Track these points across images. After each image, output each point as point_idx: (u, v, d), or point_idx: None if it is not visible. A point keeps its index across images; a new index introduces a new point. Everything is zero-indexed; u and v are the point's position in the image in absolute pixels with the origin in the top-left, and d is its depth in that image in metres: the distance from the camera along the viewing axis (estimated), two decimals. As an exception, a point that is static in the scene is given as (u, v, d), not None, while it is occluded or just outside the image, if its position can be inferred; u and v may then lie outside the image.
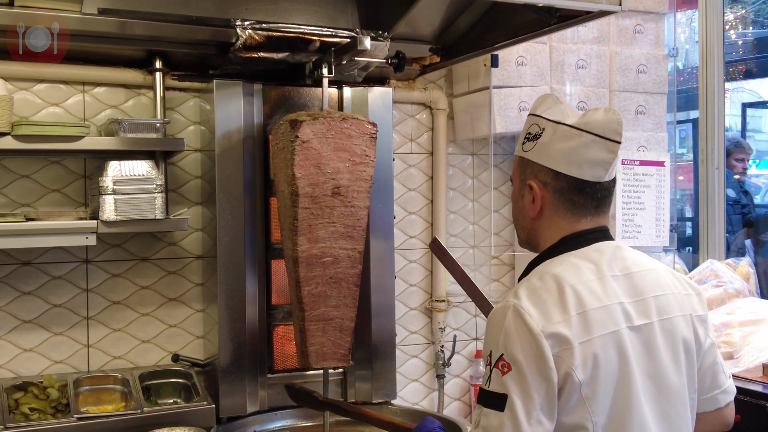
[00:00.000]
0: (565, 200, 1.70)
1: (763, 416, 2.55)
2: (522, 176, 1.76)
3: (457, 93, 3.34)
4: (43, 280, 2.69)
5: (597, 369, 1.55)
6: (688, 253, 4.68)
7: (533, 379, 1.51)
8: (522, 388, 1.51)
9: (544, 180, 1.70)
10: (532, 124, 1.74)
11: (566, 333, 1.54)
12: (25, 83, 2.65)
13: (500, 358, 1.54)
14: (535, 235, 1.77)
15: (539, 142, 1.70)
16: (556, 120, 1.70)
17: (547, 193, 1.70)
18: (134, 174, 2.48)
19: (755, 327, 2.99)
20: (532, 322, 1.54)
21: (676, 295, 1.72)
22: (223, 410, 2.59)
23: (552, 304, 1.57)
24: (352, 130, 2.43)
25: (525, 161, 1.74)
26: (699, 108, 3.96)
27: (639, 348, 1.62)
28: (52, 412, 2.43)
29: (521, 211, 1.78)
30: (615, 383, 1.57)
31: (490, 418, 1.53)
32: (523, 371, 1.52)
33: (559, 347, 1.53)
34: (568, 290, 1.59)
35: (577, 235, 1.71)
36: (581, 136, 1.66)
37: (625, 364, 1.59)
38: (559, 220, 1.71)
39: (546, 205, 1.71)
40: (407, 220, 3.29)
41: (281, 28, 2.52)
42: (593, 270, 1.64)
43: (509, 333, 1.55)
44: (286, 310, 2.70)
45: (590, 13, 2.36)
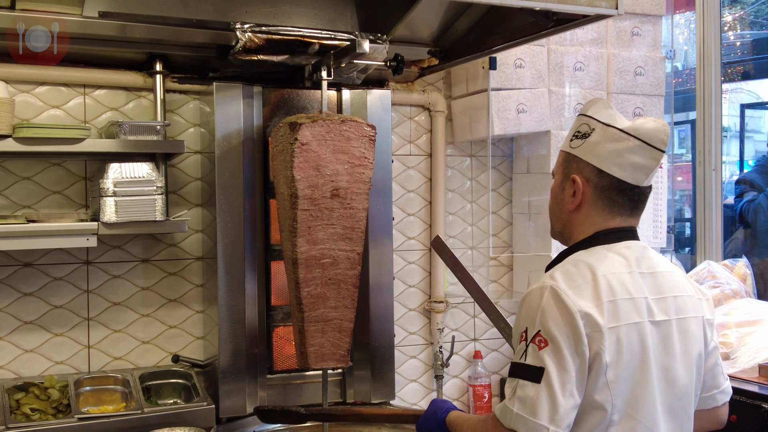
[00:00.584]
0: (604, 198, 1.79)
1: (758, 416, 2.57)
2: (566, 170, 1.84)
3: (455, 95, 3.35)
4: (44, 281, 2.71)
5: (621, 354, 1.65)
6: (687, 254, 4.69)
7: (569, 354, 1.62)
8: (558, 363, 1.61)
9: (587, 176, 1.79)
10: (582, 124, 1.83)
11: (598, 317, 1.64)
12: (27, 86, 2.66)
13: (537, 334, 1.64)
14: (570, 227, 1.85)
15: (588, 141, 1.79)
16: (606, 122, 1.79)
17: (588, 188, 1.80)
18: (135, 176, 2.50)
19: (752, 328, 3.00)
20: (569, 301, 1.64)
21: (691, 297, 1.82)
22: (222, 411, 2.61)
23: (586, 289, 1.68)
24: (351, 133, 2.45)
25: (571, 156, 1.83)
26: (696, 109, 3.97)
27: (657, 341, 1.73)
28: (53, 412, 2.45)
29: (560, 203, 1.87)
30: (634, 371, 1.68)
31: (527, 389, 1.62)
32: (560, 347, 1.62)
33: (591, 328, 1.63)
34: (601, 278, 1.69)
35: (610, 231, 1.80)
36: (629, 140, 1.76)
37: (645, 354, 1.69)
38: (595, 215, 1.81)
39: (585, 200, 1.80)
40: (406, 222, 3.30)
41: (281, 31, 2.54)
42: (624, 264, 1.75)
43: (546, 311, 1.65)
44: (286, 311, 2.72)
45: (587, 17, 2.38)
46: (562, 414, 1.59)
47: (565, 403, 1.60)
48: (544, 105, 3.22)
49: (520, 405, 1.62)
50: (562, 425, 1.60)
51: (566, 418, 1.61)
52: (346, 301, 2.51)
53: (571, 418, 1.62)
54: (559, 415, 1.59)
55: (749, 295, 3.43)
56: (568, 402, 1.60)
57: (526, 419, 1.61)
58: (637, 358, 1.68)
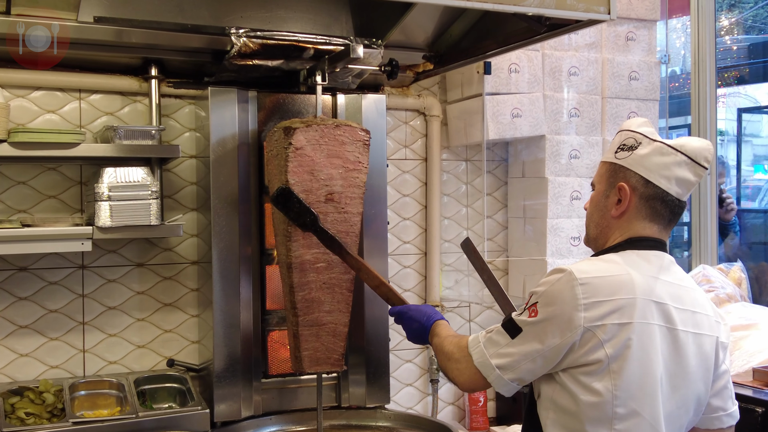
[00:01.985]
0: (648, 207, 1.85)
1: (752, 420, 2.57)
2: (611, 179, 1.89)
3: (450, 100, 3.37)
4: (39, 285, 2.71)
5: (628, 350, 1.71)
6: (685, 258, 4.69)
7: (550, 334, 1.73)
8: (536, 335, 1.75)
9: (634, 185, 1.85)
10: (627, 138, 1.89)
11: (606, 311, 1.71)
12: (22, 90, 2.67)
13: (535, 304, 1.76)
14: (606, 233, 1.91)
15: (636, 153, 1.85)
16: (653, 138, 1.86)
17: (634, 196, 1.85)
18: (129, 180, 2.51)
19: (746, 332, 3.01)
20: (579, 292, 1.71)
21: (708, 317, 1.87)
22: (217, 415, 2.61)
23: (606, 282, 1.74)
24: (346, 137, 2.46)
25: (617, 167, 1.88)
26: (691, 113, 3.98)
27: (671, 347, 1.78)
28: (48, 416, 2.45)
29: (602, 210, 1.91)
30: (642, 369, 1.73)
31: (500, 337, 1.81)
32: (546, 325, 1.73)
33: (596, 321, 1.70)
34: (624, 275, 1.75)
35: (642, 239, 1.86)
36: (676, 155, 1.83)
37: (656, 356, 1.75)
38: (636, 223, 1.86)
39: (630, 207, 1.86)
40: (401, 226, 3.31)
41: (276, 36, 2.54)
42: (650, 269, 1.81)
43: (553, 291, 1.75)
44: (281, 315, 2.72)
45: (580, 22, 2.39)
46: (514, 369, 1.77)
47: (522, 364, 1.76)
48: (539, 109, 3.23)
49: (488, 343, 1.82)
50: (509, 375, 1.78)
51: (515, 374, 1.77)
52: (341, 306, 2.52)
53: (521, 377, 1.78)
54: (511, 367, 1.77)
55: (744, 299, 3.43)
56: (526, 365, 1.76)
57: (484, 354, 1.81)
58: (647, 357, 1.74)
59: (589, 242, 1.99)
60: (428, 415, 3.26)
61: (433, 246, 3.32)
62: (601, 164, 1.96)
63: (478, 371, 1.82)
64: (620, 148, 1.89)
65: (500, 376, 1.79)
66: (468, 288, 3.42)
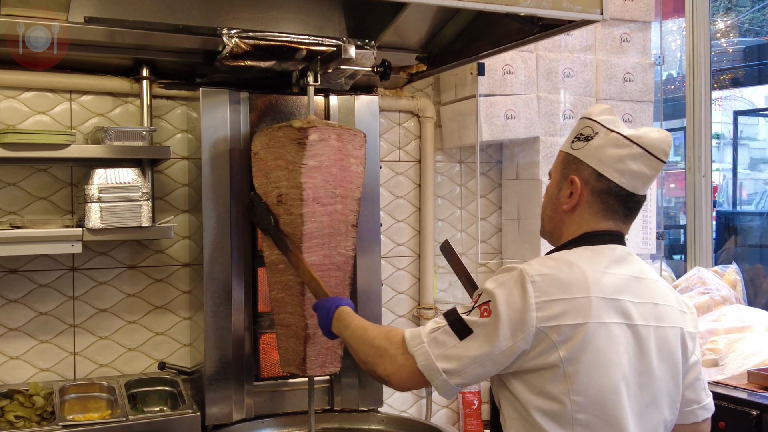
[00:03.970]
0: (600, 201, 1.78)
1: (747, 423, 2.56)
2: (564, 171, 1.83)
3: (444, 101, 3.35)
4: (29, 287, 2.69)
5: (584, 352, 1.63)
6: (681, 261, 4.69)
7: (502, 335, 1.63)
8: (487, 337, 1.65)
9: (586, 178, 1.78)
10: (585, 126, 1.82)
11: (559, 311, 1.63)
12: (12, 91, 2.66)
13: (486, 303, 1.67)
14: (560, 228, 1.85)
15: (590, 144, 1.78)
16: (610, 127, 1.78)
17: (586, 190, 1.79)
18: (120, 182, 2.49)
19: (741, 334, 3.00)
20: (530, 291, 1.64)
21: (672, 308, 1.80)
22: (209, 418, 2.59)
23: (558, 282, 1.66)
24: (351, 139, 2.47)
25: (571, 158, 1.82)
26: (686, 116, 3.98)
27: (633, 345, 1.70)
28: (38, 420, 2.43)
29: (554, 203, 1.85)
30: (601, 370, 1.65)
31: (448, 338, 1.69)
32: (497, 326, 1.64)
33: (548, 322, 1.63)
34: (577, 273, 1.68)
35: (598, 233, 1.79)
36: (631, 147, 1.75)
37: (616, 356, 1.67)
38: (588, 218, 1.80)
39: (582, 201, 1.79)
40: (395, 228, 3.29)
41: (268, 37, 2.53)
42: (604, 264, 1.73)
43: (505, 288, 1.67)
44: (272, 318, 2.70)
45: (573, 22, 2.38)
46: (462, 373, 1.67)
47: (470, 368, 1.66)
48: (533, 111, 3.22)
49: (433, 344, 1.70)
50: (455, 380, 1.68)
51: (462, 378, 1.68)
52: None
53: (467, 381, 1.69)
54: (458, 372, 1.67)
55: (739, 301, 3.42)
56: (474, 369, 1.66)
57: (429, 356, 1.68)
58: (606, 358, 1.66)
59: (544, 235, 1.92)
60: (422, 419, 3.24)
61: (427, 248, 3.31)
62: (558, 153, 1.89)
63: (419, 373, 1.70)
64: (577, 138, 1.82)
65: (446, 381, 1.68)
66: (462, 290, 3.40)
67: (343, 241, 2.48)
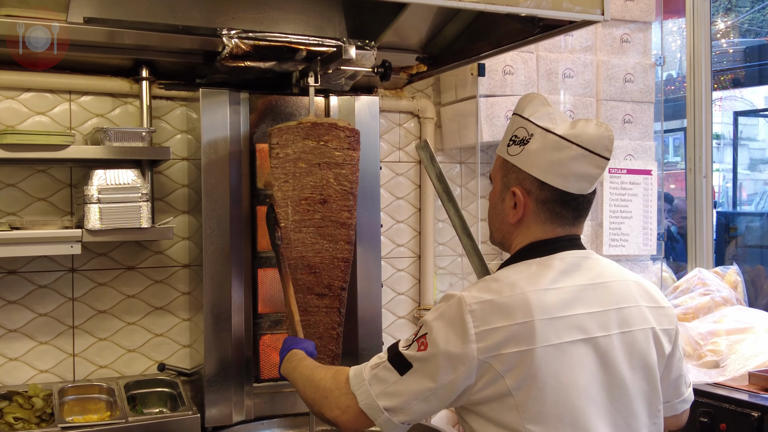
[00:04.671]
0: (547, 210, 1.69)
1: (748, 425, 2.55)
2: (505, 179, 1.73)
3: (444, 102, 3.35)
4: (28, 289, 2.69)
5: (535, 379, 1.54)
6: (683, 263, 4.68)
7: (444, 369, 1.56)
8: (426, 371, 1.57)
9: (528, 188, 1.68)
10: (519, 127, 1.70)
11: (501, 338, 1.54)
12: (11, 92, 2.65)
13: (424, 335, 1.59)
14: (509, 239, 1.76)
15: (527, 149, 1.67)
16: (545, 127, 1.66)
17: (530, 201, 1.69)
18: (119, 183, 2.48)
19: (742, 335, 2.99)
20: (469, 321, 1.55)
21: (641, 308, 1.70)
22: (208, 420, 2.58)
23: (498, 309, 1.57)
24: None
25: (509, 165, 1.71)
26: (687, 117, 3.97)
27: (594, 360, 1.60)
28: (37, 421, 2.42)
29: (500, 214, 1.76)
30: (558, 394, 1.55)
31: (388, 374, 1.61)
32: (437, 358, 1.56)
33: (491, 352, 1.54)
34: (519, 296, 1.57)
35: (544, 243, 1.70)
36: (570, 149, 1.64)
37: (575, 375, 1.57)
38: (536, 227, 1.71)
39: (527, 213, 1.70)
40: (395, 229, 3.29)
41: (268, 38, 2.52)
42: (551, 279, 1.62)
43: (443, 319, 1.59)
44: (273, 319, 2.70)
45: (573, 23, 2.37)
46: (404, 410, 1.60)
47: (413, 405, 1.59)
48: (534, 112, 3.21)
49: (375, 381, 1.63)
50: (399, 418, 1.61)
51: (406, 415, 1.60)
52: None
53: (412, 418, 1.61)
54: (401, 409, 1.60)
55: (740, 302, 3.41)
56: (418, 405, 1.59)
57: (371, 395, 1.62)
58: (561, 380, 1.55)
59: (495, 244, 1.83)
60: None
61: (427, 249, 3.30)
62: (496, 158, 1.77)
63: (362, 413, 1.63)
64: (512, 141, 1.70)
65: (389, 419, 1.60)
66: (462, 291, 3.40)
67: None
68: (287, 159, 2.42)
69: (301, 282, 2.45)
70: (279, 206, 2.42)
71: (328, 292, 2.47)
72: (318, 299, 2.47)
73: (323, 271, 2.45)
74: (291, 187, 2.42)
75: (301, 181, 2.42)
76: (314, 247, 2.43)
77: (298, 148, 2.41)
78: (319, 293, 2.47)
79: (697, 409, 2.70)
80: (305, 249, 2.43)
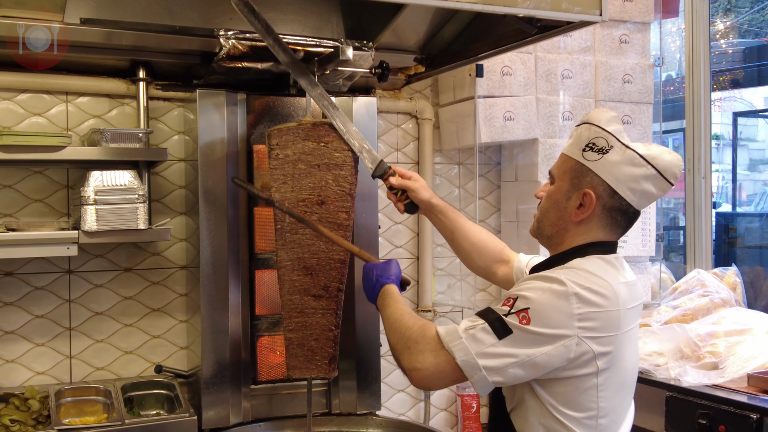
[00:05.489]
0: (609, 217, 1.81)
1: (747, 426, 2.54)
2: (575, 180, 1.82)
3: (442, 103, 3.34)
4: (25, 290, 2.68)
5: (618, 361, 1.73)
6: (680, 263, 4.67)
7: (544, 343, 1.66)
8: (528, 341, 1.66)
9: (600, 193, 1.79)
10: (597, 137, 1.80)
11: (599, 323, 1.68)
12: (8, 93, 2.64)
13: (525, 310, 1.67)
14: (563, 235, 1.86)
15: (606, 158, 1.78)
16: (625, 143, 1.78)
17: (598, 205, 1.80)
18: (116, 184, 2.47)
19: (741, 337, 2.97)
20: (573, 302, 1.66)
21: (641, 304, 1.92)
22: (205, 422, 2.57)
23: (596, 295, 1.69)
24: None
25: (585, 168, 1.81)
26: (686, 117, 3.97)
27: (634, 346, 1.84)
28: (33, 423, 2.42)
29: (561, 211, 1.85)
30: (622, 380, 1.76)
31: (487, 337, 1.68)
32: (541, 333, 1.65)
33: (590, 333, 1.67)
34: (607, 286, 1.72)
35: (603, 244, 1.84)
36: (647, 168, 1.77)
37: (629, 363, 1.80)
38: (595, 230, 1.83)
39: (593, 215, 1.81)
40: (393, 230, 3.28)
41: (265, 38, 2.51)
42: (618, 276, 1.79)
43: (546, 297, 1.67)
44: (270, 321, 2.69)
45: (571, 23, 2.36)
46: (501, 372, 1.67)
47: (510, 368, 1.66)
48: (532, 112, 3.21)
49: (472, 341, 1.68)
50: (494, 378, 1.67)
51: (501, 377, 1.67)
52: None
53: (505, 380, 1.68)
54: (498, 370, 1.67)
55: (739, 304, 3.40)
56: (514, 370, 1.67)
57: (470, 353, 1.67)
58: (625, 366, 1.77)
59: (540, 237, 1.92)
60: (420, 422, 3.23)
61: (426, 250, 3.29)
62: (564, 158, 1.86)
63: (457, 369, 1.69)
64: (589, 147, 1.80)
65: (485, 377, 1.68)
66: (461, 292, 3.40)
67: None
68: (287, 160, 2.41)
69: (297, 283, 2.44)
70: (277, 207, 2.41)
71: (325, 294, 2.46)
72: (314, 301, 2.46)
73: (320, 272, 2.44)
74: (290, 188, 2.41)
75: (300, 183, 2.40)
76: (311, 248, 2.42)
77: (298, 150, 2.40)
78: (315, 295, 2.45)
79: (695, 411, 2.69)
80: (302, 250, 2.42)
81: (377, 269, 2.10)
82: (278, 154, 2.41)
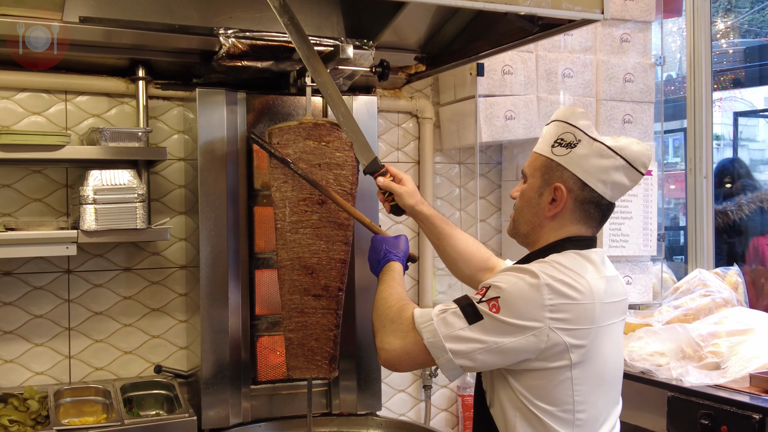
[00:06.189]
0: (582, 210, 1.83)
1: (749, 427, 2.53)
2: (546, 176, 1.84)
3: (443, 102, 3.33)
4: (24, 290, 2.67)
5: (590, 355, 1.72)
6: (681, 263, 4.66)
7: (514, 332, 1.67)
8: (496, 328, 1.68)
9: (570, 187, 1.81)
10: (565, 132, 1.83)
11: (572, 315, 1.69)
12: (7, 92, 2.63)
13: (496, 298, 1.68)
14: (538, 232, 1.87)
15: (575, 152, 1.80)
16: (593, 136, 1.80)
17: (569, 199, 1.81)
18: (115, 183, 2.46)
19: (743, 337, 2.96)
20: (545, 293, 1.67)
21: (625, 300, 1.92)
22: (205, 422, 2.56)
23: (568, 287, 1.70)
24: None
25: (554, 164, 1.82)
26: (687, 117, 3.95)
27: (615, 342, 1.84)
28: (32, 424, 2.41)
29: (534, 208, 1.86)
30: (599, 374, 1.76)
31: (457, 321, 1.70)
32: (510, 322, 1.67)
33: (562, 324, 1.68)
34: (581, 279, 1.73)
35: (579, 239, 1.84)
36: (615, 159, 1.79)
37: (609, 357, 1.79)
38: (569, 225, 1.84)
39: (565, 209, 1.82)
40: (394, 230, 3.27)
41: (265, 37, 2.51)
42: (596, 270, 1.80)
43: (518, 288, 1.68)
44: (270, 321, 2.69)
45: (572, 22, 2.35)
46: (468, 356, 1.68)
47: (477, 354, 1.68)
48: (533, 112, 3.20)
49: (442, 323, 1.71)
50: (461, 361, 1.69)
51: (467, 361, 1.69)
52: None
53: (473, 365, 1.70)
54: (464, 354, 1.69)
55: (741, 303, 3.39)
56: (482, 355, 1.68)
57: (437, 335, 1.70)
58: (603, 357, 1.76)
59: (516, 236, 1.94)
60: (421, 422, 3.22)
61: (426, 250, 3.28)
62: (535, 155, 1.89)
63: (424, 351, 1.71)
64: (558, 143, 1.83)
65: (451, 360, 1.69)
66: (461, 293, 3.37)
67: None
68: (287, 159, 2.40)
69: (297, 283, 2.43)
70: (277, 207, 2.40)
71: (325, 294, 2.45)
72: (315, 300, 2.45)
73: (320, 272, 2.43)
74: (290, 187, 2.40)
75: (301, 182, 2.40)
76: (311, 248, 2.41)
77: (299, 149, 2.39)
78: (315, 294, 2.44)
79: (697, 411, 2.68)
80: (302, 250, 2.41)
81: (387, 243, 2.11)
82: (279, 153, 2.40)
